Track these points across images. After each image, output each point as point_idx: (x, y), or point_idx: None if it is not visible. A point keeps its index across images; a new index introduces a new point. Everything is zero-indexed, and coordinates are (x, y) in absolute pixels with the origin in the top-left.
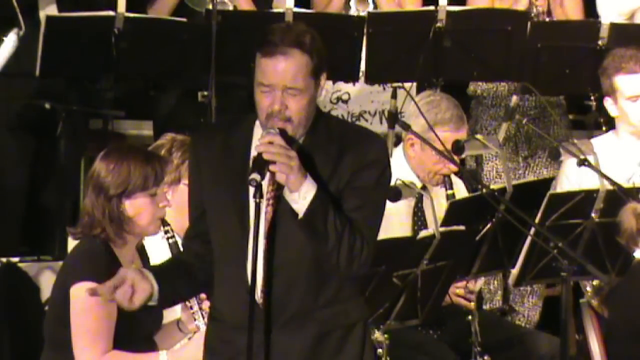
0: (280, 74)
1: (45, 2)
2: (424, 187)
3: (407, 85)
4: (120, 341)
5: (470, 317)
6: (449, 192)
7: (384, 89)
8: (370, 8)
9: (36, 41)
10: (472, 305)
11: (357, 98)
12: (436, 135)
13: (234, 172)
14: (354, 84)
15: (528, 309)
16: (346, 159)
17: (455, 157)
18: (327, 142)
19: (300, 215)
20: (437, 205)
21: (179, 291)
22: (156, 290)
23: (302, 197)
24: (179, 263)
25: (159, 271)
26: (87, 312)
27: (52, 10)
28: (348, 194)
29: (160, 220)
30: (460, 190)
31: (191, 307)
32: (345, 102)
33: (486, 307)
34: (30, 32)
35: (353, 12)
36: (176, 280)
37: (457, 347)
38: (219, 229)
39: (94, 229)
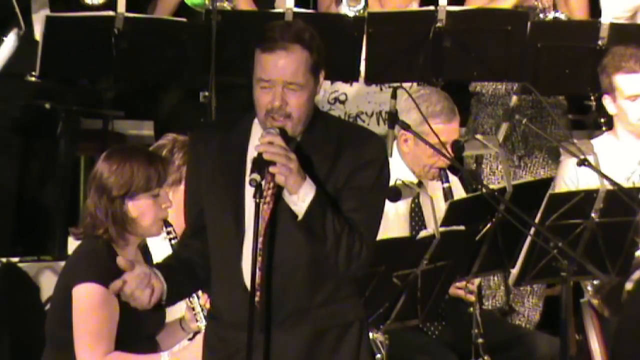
0: (281, 69)
1: (39, 5)
2: (420, 184)
3: (406, 85)
4: (123, 342)
5: (471, 309)
6: (446, 185)
7: (381, 89)
8: (362, 5)
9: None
10: (473, 297)
11: (355, 99)
12: (430, 127)
13: (231, 171)
14: (351, 85)
15: (528, 309)
16: (344, 158)
17: (451, 153)
18: (324, 141)
19: (300, 217)
20: (435, 200)
21: (182, 290)
22: (165, 290)
23: (301, 199)
24: (181, 261)
25: (164, 270)
26: (89, 313)
27: (45, 13)
28: (346, 194)
29: (162, 221)
30: (455, 184)
31: (193, 308)
32: (343, 102)
33: (487, 304)
34: (30, 32)
35: (344, 8)
36: (180, 279)
37: (458, 345)
38: (215, 227)
39: (97, 229)
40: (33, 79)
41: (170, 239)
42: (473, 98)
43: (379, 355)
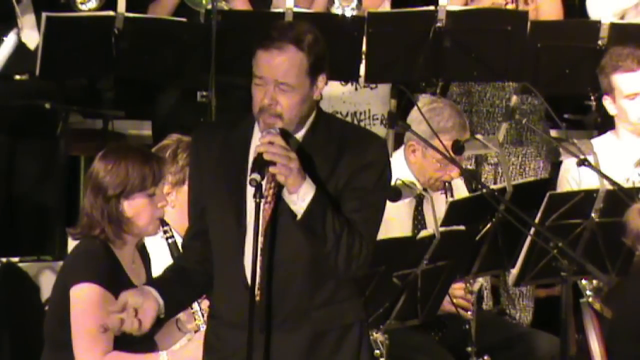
0: (273, 67)
1: (23, 10)
2: (424, 190)
3: (384, 86)
4: (121, 342)
5: (467, 326)
6: (450, 199)
7: (357, 89)
8: (355, 4)
9: None
10: (469, 314)
11: (329, 98)
12: (441, 141)
13: (233, 171)
14: (326, 84)
15: (520, 310)
16: (345, 159)
17: (462, 166)
18: (326, 141)
19: (299, 216)
20: (438, 209)
21: (182, 301)
22: (162, 305)
23: (300, 198)
24: (180, 271)
25: (161, 284)
26: (87, 312)
27: (30, 19)
28: (347, 195)
29: (159, 220)
30: (460, 187)
31: (191, 307)
32: (317, 102)
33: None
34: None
35: (337, 7)
36: (178, 291)
37: (458, 345)
38: (216, 227)
39: (93, 229)
40: (17, 77)
41: (167, 238)
42: None
43: (377, 351)
